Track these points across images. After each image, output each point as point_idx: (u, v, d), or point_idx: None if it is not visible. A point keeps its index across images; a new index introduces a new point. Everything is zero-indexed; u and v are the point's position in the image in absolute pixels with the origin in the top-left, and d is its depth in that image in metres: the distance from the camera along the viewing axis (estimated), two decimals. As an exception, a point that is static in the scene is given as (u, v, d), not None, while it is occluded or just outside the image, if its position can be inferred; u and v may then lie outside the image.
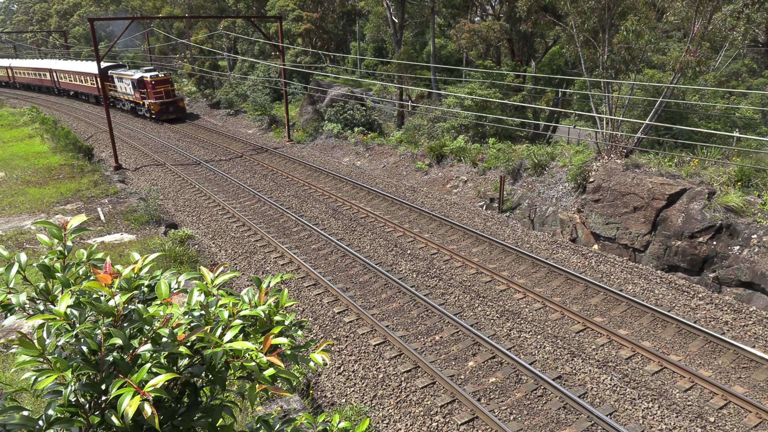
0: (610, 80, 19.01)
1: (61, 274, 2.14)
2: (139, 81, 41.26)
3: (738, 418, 9.67)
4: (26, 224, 19.17)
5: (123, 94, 45.39)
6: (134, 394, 1.72)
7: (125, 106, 46.50)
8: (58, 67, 57.78)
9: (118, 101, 48.00)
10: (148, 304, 2.16)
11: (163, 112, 41.88)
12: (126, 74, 43.40)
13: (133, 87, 42.58)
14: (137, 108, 44.64)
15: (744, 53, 33.18)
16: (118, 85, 45.22)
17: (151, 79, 40.54)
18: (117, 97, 47.24)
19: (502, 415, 10.04)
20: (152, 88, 41.03)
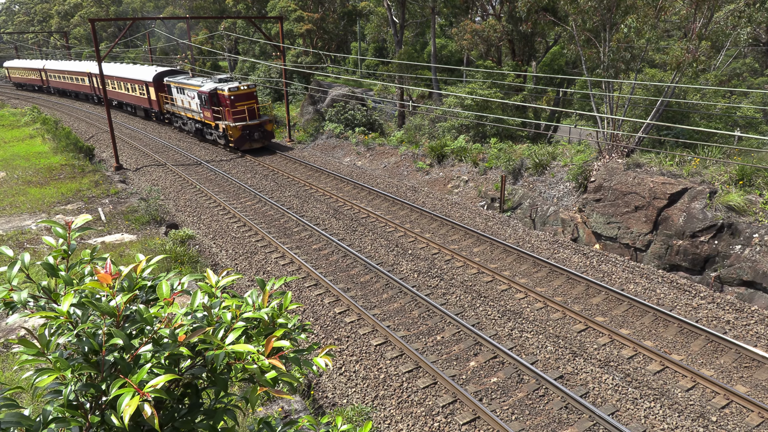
0: (611, 80, 18.99)
1: (64, 273, 2.14)
2: (211, 95, 30.01)
3: (740, 418, 9.65)
4: (27, 224, 19.19)
5: (184, 109, 34.18)
6: (134, 395, 1.72)
7: (186, 125, 35.39)
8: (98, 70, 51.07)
9: (176, 118, 36.78)
10: (150, 304, 2.15)
11: (244, 139, 29.81)
12: (190, 84, 32.51)
13: (201, 102, 31.15)
14: (205, 131, 32.89)
15: (745, 52, 33.13)
16: (178, 97, 34.94)
17: (230, 93, 29.01)
18: (175, 112, 36.15)
19: (504, 415, 10.03)
20: (231, 105, 29.08)
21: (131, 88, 41.60)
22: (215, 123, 30.89)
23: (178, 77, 35.77)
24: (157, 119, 41.25)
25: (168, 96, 36.48)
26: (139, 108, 43.01)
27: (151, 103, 39.68)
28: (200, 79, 33.07)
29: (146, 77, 38.45)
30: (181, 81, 34.06)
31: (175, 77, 35.95)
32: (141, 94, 40.56)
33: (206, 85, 31.13)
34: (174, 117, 37.47)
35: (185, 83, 33.28)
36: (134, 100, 42.44)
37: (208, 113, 31.12)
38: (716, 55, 24.69)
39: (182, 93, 34.20)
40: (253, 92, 30.18)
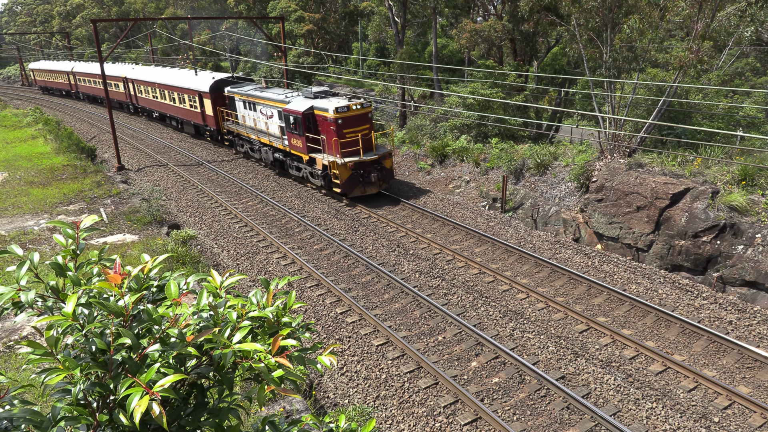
0: (613, 80, 18.97)
1: (72, 273, 2.16)
2: (305, 117, 21.33)
3: (742, 418, 9.63)
4: (29, 224, 19.23)
5: (255, 131, 26.18)
6: (143, 394, 1.73)
7: (256, 151, 26.98)
8: (136, 76, 40.40)
9: (241, 141, 28.62)
10: (157, 304, 2.17)
11: (356, 182, 20.92)
12: (266, 98, 24.45)
13: (286, 125, 22.68)
14: (289, 164, 24.18)
15: (748, 52, 33.08)
16: (246, 114, 26.91)
17: (337, 114, 20.32)
18: (240, 134, 28.10)
19: (506, 415, 10.03)
20: (337, 132, 20.44)
21: (179, 99, 33.93)
22: (309, 156, 21.85)
23: (245, 87, 27.66)
24: (213, 139, 33.08)
25: (230, 111, 28.58)
26: (187, 123, 34.84)
27: (206, 119, 31.83)
28: (281, 92, 24.60)
29: (200, 86, 30.88)
30: (251, 93, 25.83)
31: (240, 87, 27.95)
32: (192, 107, 32.62)
33: (295, 100, 22.40)
34: (239, 139, 28.82)
35: (259, 96, 25.08)
36: (182, 114, 34.63)
37: (297, 141, 22.07)
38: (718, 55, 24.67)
39: (252, 109, 25.99)
40: (369, 113, 21.18)
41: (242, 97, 26.81)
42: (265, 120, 25.10)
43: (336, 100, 21.53)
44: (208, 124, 32.02)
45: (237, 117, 28.07)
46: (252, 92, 25.99)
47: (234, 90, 27.85)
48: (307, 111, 21.41)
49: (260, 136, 25.89)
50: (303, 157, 22.56)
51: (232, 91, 27.96)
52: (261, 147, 26.38)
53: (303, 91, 23.63)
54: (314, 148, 21.96)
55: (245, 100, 26.55)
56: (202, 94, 30.99)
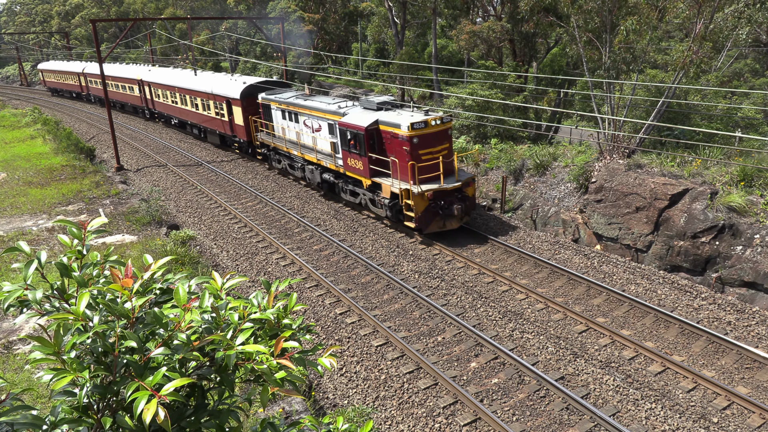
0: (612, 81, 19.00)
1: (77, 274, 2.16)
2: (369, 133, 17.73)
3: (741, 419, 9.65)
4: (28, 225, 19.22)
5: (298, 146, 22.40)
6: (150, 398, 1.73)
7: (297, 169, 23.42)
8: (153, 79, 36.84)
9: (279, 156, 24.99)
10: (159, 306, 2.17)
11: (433, 213, 17.10)
12: (313, 107, 20.98)
13: (341, 140, 19.07)
14: (343, 187, 20.36)
15: (746, 53, 33.14)
16: (285, 125, 23.28)
17: (412, 132, 16.72)
18: (278, 148, 24.38)
19: (505, 416, 10.04)
20: (411, 153, 16.86)
21: (202, 105, 30.45)
22: (371, 180, 18.08)
23: (284, 94, 23.99)
24: (242, 152, 29.48)
25: (265, 121, 24.95)
26: (211, 132, 31.27)
27: (234, 129, 28.20)
28: (332, 101, 21.01)
29: (228, 91, 27.40)
30: (293, 101, 22.31)
31: (278, 94, 24.39)
32: (218, 114, 28.99)
33: (353, 112, 18.81)
34: (275, 154, 25.17)
35: (302, 106, 21.55)
36: (205, 121, 30.93)
37: (356, 162, 18.32)
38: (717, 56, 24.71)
39: (294, 120, 22.44)
40: (449, 129, 17.45)
41: (281, 106, 23.22)
42: (310, 134, 21.55)
43: (408, 114, 17.67)
44: (238, 134, 28.18)
45: (273, 128, 24.45)
46: (294, 100, 22.41)
47: (270, 97, 24.16)
48: (371, 126, 17.60)
49: (304, 152, 22.05)
50: (363, 181, 18.61)
51: (268, 98, 24.30)
52: (305, 165, 22.40)
53: (362, 101, 19.77)
54: (379, 172, 18.05)
55: (285, 109, 22.98)
56: (231, 100, 27.35)
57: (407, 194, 17.00)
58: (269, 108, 24.48)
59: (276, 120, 24.19)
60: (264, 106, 24.98)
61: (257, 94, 25.80)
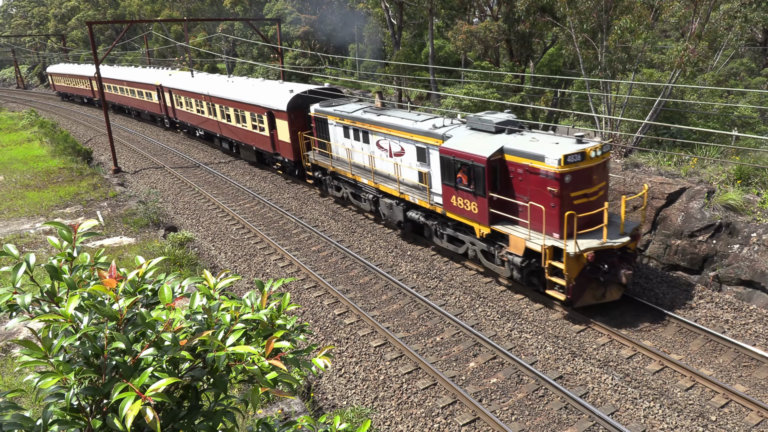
0: (609, 80, 19.03)
1: (68, 276, 2.15)
2: (493, 165, 13.30)
3: (739, 417, 9.66)
4: (25, 228, 19.17)
5: (368, 172, 18.55)
6: (136, 399, 1.72)
7: (373, 203, 18.96)
8: (174, 85, 33.68)
9: (338, 182, 20.79)
10: (151, 308, 2.16)
11: (587, 280, 12.44)
12: (395, 126, 16.88)
13: (447, 173, 14.57)
14: (437, 230, 16.18)
15: (742, 52, 33.23)
16: (350, 146, 19.27)
17: (566, 167, 12.00)
18: (338, 172, 20.18)
19: (504, 415, 10.03)
20: (561, 194, 12.19)
21: (236, 116, 26.73)
22: (491, 228, 13.71)
23: (346, 106, 19.78)
24: (287, 172, 25.23)
25: (319, 139, 21.00)
26: (246, 148, 27.05)
27: (278, 146, 23.94)
28: (420, 117, 16.58)
29: (271, 101, 23.54)
30: (360, 116, 18.35)
31: (337, 105, 20.19)
32: (257, 128, 25.05)
33: (458, 134, 14.57)
34: (332, 179, 20.94)
35: (375, 122, 17.59)
36: (240, 135, 26.99)
37: (467, 202, 14.03)
38: (713, 55, 24.78)
39: (362, 139, 18.51)
40: (608, 161, 13.16)
41: (343, 122, 19.12)
42: (387, 158, 17.42)
43: (551, 141, 12.87)
44: (282, 152, 23.91)
45: (331, 148, 20.42)
46: (362, 115, 18.32)
47: (327, 110, 20.13)
48: (494, 157, 13.14)
49: (378, 181, 17.80)
50: (476, 228, 14.13)
51: (324, 111, 20.28)
52: (380, 198, 18.13)
53: (469, 119, 14.94)
54: (502, 217, 13.57)
55: (350, 126, 18.86)
56: (275, 113, 23.29)
57: (553, 253, 12.25)
58: (325, 123, 20.36)
59: (335, 138, 20.08)
60: (318, 121, 20.78)
61: (307, 106, 21.88)
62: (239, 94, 26.31)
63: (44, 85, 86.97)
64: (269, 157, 25.95)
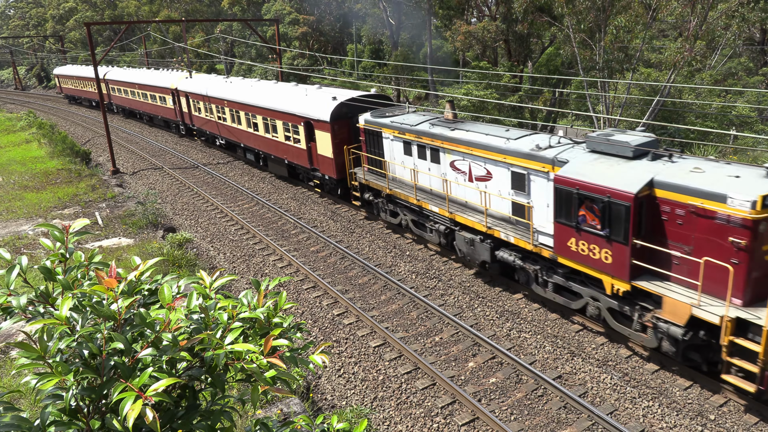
0: (607, 80, 19.06)
1: (62, 277, 2.14)
2: (640, 202, 10.07)
3: (738, 416, 9.67)
4: (24, 229, 19.15)
5: (440, 198, 15.87)
6: (136, 399, 1.72)
7: (446, 236, 15.79)
8: (192, 89, 31.13)
9: (396, 207, 17.87)
10: (148, 308, 2.16)
11: None
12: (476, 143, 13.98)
13: (562, 208, 11.34)
14: (544, 276, 12.75)
15: (740, 52, 33.29)
16: (413, 164, 16.58)
17: (762, 211, 8.79)
18: (396, 196, 17.33)
19: (503, 415, 10.04)
20: (749, 247, 8.99)
21: (265, 126, 24.15)
22: (631, 283, 10.60)
23: (405, 117, 16.94)
24: (326, 191, 22.23)
25: (371, 155, 18.13)
26: (276, 161, 24.51)
27: (316, 161, 21.18)
28: (510, 133, 13.99)
29: (310, 110, 20.63)
30: (426, 129, 15.56)
31: (392, 116, 17.32)
32: (290, 139, 22.43)
33: (579, 158, 11.67)
34: (389, 203, 17.90)
35: (449, 138, 14.80)
36: (267, 146, 24.57)
37: (591, 247, 11.13)
38: (711, 55, 24.83)
39: (430, 158, 15.67)
40: None
41: (404, 136, 16.28)
42: (466, 183, 14.49)
43: (720, 170, 10.00)
44: (322, 168, 20.96)
45: (387, 166, 17.44)
46: (429, 129, 15.45)
47: (382, 121, 17.24)
48: (642, 193, 10.21)
49: (454, 211, 14.77)
50: (607, 282, 11.07)
51: (378, 122, 17.39)
52: (455, 230, 15.00)
53: (590, 138, 11.84)
54: (646, 270, 10.48)
55: (412, 141, 16.04)
56: (315, 123, 20.41)
57: (737, 327, 9.19)
58: (379, 137, 17.53)
59: (392, 154, 17.20)
60: (369, 134, 17.99)
61: (353, 115, 19.36)
62: (269, 100, 23.70)
63: (42, 86, 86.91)
64: (304, 172, 22.92)
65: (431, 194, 16.25)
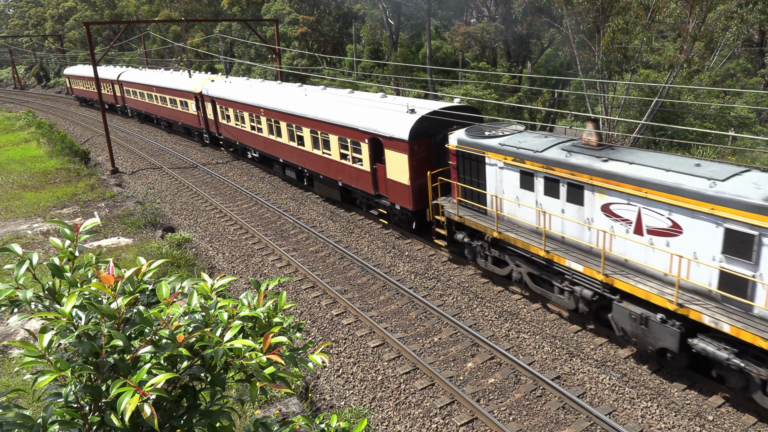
0: (606, 81, 19.09)
1: (69, 274, 2.16)
2: None
3: (736, 417, 9.69)
4: (22, 228, 19.13)
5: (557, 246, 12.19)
6: (134, 394, 1.73)
7: (576, 297, 11.92)
8: (221, 94, 27.97)
9: (509, 255, 13.52)
10: (150, 307, 2.17)
11: None
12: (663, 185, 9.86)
13: None
14: None
15: (738, 53, 33.35)
16: (535, 202, 12.60)
17: None
18: (507, 242, 13.26)
19: (502, 415, 10.05)
20: None
21: (313, 140, 20.76)
22: None
23: (513, 136, 13.67)
24: (396, 222, 18.24)
25: (466, 186, 14.58)
26: (326, 182, 20.99)
27: (384, 187, 17.63)
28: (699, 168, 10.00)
29: (381, 126, 16.99)
30: (558, 157, 12.01)
31: (496, 136, 13.89)
32: (347, 158, 19.00)
33: None
34: (494, 249, 14.03)
35: (603, 173, 11.04)
36: (316, 164, 21.07)
37: None
38: (710, 56, 24.89)
39: (569, 198, 11.94)
40: None
41: (521, 164, 12.63)
42: (633, 236, 10.77)
43: None
44: (392, 197, 17.26)
45: (493, 201, 13.75)
46: (565, 157, 11.85)
47: (484, 143, 13.62)
48: None
49: (611, 273, 10.95)
50: None
51: (479, 143, 13.72)
52: (616, 303, 10.97)
53: None
54: None
55: (536, 171, 12.42)
56: (384, 140, 16.82)
57: None
58: (479, 162, 13.84)
59: (499, 186, 13.44)
60: (464, 157, 14.26)
61: (436, 132, 16.12)
62: (320, 110, 20.20)
63: (41, 85, 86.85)
64: (364, 197, 19.12)
65: (564, 243, 12.26)
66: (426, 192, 16.06)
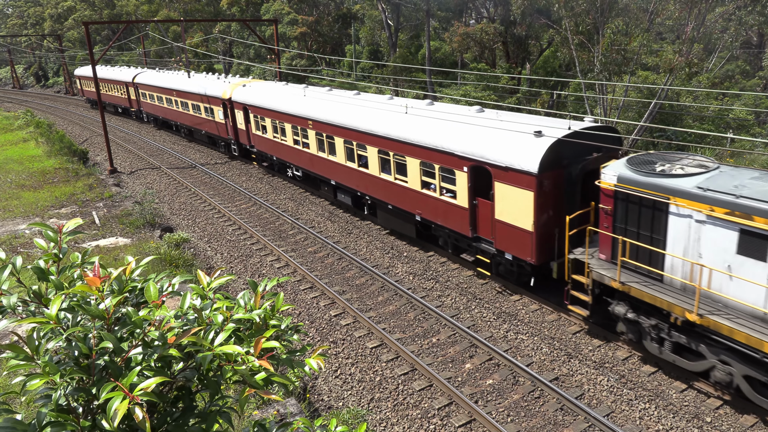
0: (605, 82, 19.10)
1: (54, 277, 2.13)
2: None
3: (734, 419, 9.69)
4: (20, 228, 19.08)
5: None
6: (123, 398, 1.71)
7: None
8: (258, 102, 24.25)
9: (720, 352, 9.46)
10: (140, 307, 2.15)
11: None
12: None
13: None
14: None
15: (737, 55, 33.41)
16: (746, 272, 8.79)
17: None
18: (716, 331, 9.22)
19: (500, 417, 10.04)
20: None
21: (383, 162, 17.13)
22: None
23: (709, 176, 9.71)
24: (503, 273, 14.31)
25: (633, 240, 10.55)
26: (395, 212, 17.37)
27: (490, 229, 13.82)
28: None
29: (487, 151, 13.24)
30: None
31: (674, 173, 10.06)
32: (430, 186, 15.52)
33: None
34: (685, 334, 10.01)
35: None
36: (386, 193, 17.35)
37: None
38: (708, 58, 24.91)
39: None
40: None
41: (748, 222, 8.72)
42: None
43: None
44: (501, 243, 13.56)
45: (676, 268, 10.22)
46: None
47: (667, 184, 9.93)
48: None
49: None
50: None
51: (658, 184, 10.04)
52: None
53: None
54: None
55: None
56: (496, 171, 13.11)
57: None
58: (658, 210, 10.20)
59: (696, 247, 9.72)
60: (629, 201, 10.65)
61: (572, 162, 12.42)
62: (392, 126, 16.32)
63: (40, 85, 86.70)
64: (453, 237, 15.55)
65: None
66: (550, 241, 12.55)
